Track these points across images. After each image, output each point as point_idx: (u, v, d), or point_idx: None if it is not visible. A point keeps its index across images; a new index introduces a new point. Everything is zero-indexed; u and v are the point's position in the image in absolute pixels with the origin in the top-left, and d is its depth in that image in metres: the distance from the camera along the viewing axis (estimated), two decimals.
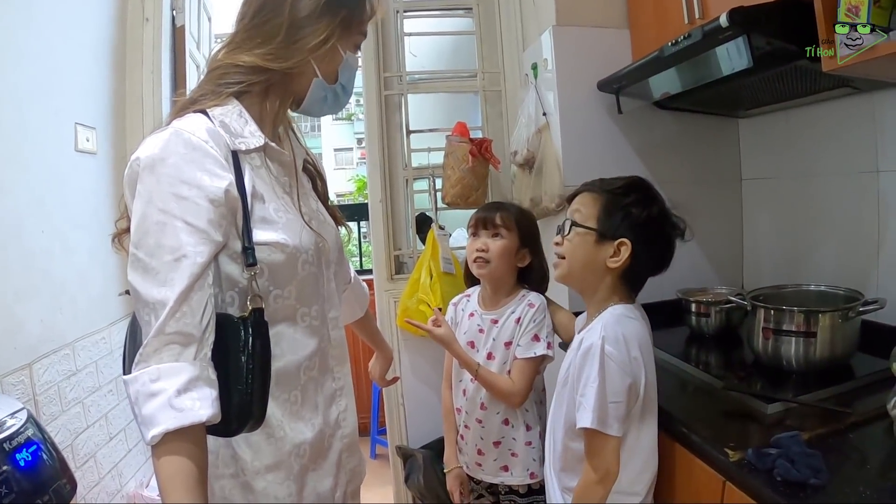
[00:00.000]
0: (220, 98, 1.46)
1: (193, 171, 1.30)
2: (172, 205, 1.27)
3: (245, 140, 1.45)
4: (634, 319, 1.83)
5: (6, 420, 2.08)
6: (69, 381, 3.09)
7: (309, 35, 1.47)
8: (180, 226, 1.27)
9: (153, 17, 4.01)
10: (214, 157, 1.34)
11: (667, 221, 1.85)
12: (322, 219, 1.65)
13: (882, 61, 1.70)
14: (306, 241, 1.50)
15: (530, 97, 3.18)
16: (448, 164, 3.51)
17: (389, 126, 3.86)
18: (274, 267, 1.42)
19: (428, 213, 3.85)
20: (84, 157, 3.40)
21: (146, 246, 1.26)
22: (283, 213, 1.47)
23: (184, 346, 1.24)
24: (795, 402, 1.89)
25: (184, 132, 1.33)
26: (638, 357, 1.73)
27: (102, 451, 3.35)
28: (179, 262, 1.25)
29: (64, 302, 3.11)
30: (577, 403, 1.74)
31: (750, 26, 1.97)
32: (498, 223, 2.41)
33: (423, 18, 4.04)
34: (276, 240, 1.42)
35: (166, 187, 1.28)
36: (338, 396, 1.63)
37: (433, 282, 3.44)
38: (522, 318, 2.37)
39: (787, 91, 2.57)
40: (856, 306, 2.09)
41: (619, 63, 2.83)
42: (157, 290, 1.24)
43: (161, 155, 1.30)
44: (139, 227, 1.28)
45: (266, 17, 1.48)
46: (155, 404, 1.19)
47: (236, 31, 1.53)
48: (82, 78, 3.45)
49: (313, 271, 1.53)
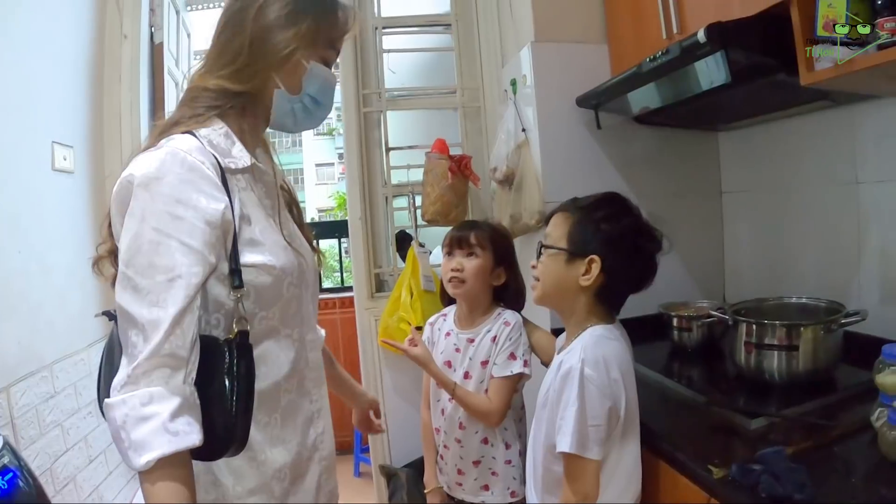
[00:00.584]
0: (202, 119, 1.44)
1: (190, 192, 1.29)
2: (168, 224, 1.25)
3: (234, 160, 1.44)
4: (614, 340, 1.81)
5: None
6: (47, 403, 3.06)
7: (271, 48, 1.46)
8: (175, 245, 1.25)
9: (131, 35, 4.02)
10: (210, 179, 1.33)
11: (641, 235, 1.83)
12: (300, 242, 1.63)
13: (859, 75, 1.71)
14: (290, 263, 1.48)
15: (509, 113, 3.18)
16: (428, 181, 3.52)
17: (369, 143, 3.86)
18: (260, 289, 1.41)
19: (408, 230, 3.84)
20: (61, 176, 3.38)
21: (138, 265, 1.24)
22: (268, 235, 1.46)
23: (174, 369, 1.22)
24: (779, 417, 1.89)
25: (179, 151, 1.32)
26: (618, 378, 1.71)
27: (83, 473, 3.31)
28: (173, 283, 1.23)
29: (41, 323, 3.08)
30: (557, 427, 1.72)
31: (727, 41, 1.98)
32: (472, 242, 2.40)
33: (401, 35, 4.05)
34: (263, 262, 1.41)
35: (161, 206, 1.26)
36: (315, 418, 1.61)
37: (413, 300, 3.43)
38: (499, 337, 2.36)
39: (766, 104, 2.60)
40: (838, 318, 2.09)
41: (598, 78, 2.83)
42: (149, 310, 1.21)
43: (157, 174, 1.28)
44: (131, 246, 1.25)
45: (230, 35, 1.48)
46: (148, 428, 1.16)
47: (209, 50, 1.53)
48: (59, 95, 3.44)
49: (297, 293, 1.52)
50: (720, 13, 2.05)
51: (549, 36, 3.04)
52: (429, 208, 3.50)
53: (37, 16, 3.22)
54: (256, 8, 1.46)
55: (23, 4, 3.10)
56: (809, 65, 1.83)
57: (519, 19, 3.28)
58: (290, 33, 1.47)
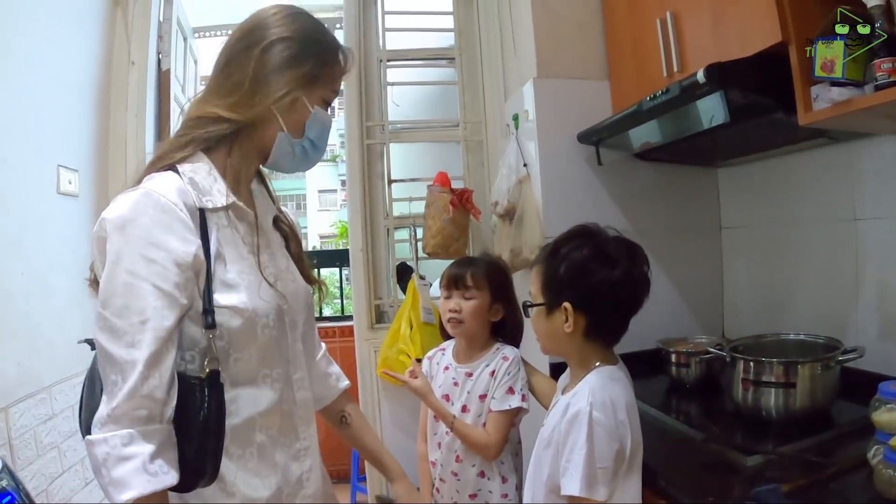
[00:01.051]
0: (189, 155, 1.47)
1: (163, 234, 1.31)
2: (141, 267, 1.28)
3: (212, 198, 1.45)
4: (619, 381, 1.79)
5: None
6: (45, 425, 3.06)
7: (272, 87, 1.49)
8: (148, 288, 1.28)
9: (139, 61, 4.06)
10: (183, 221, 1.35)
11: (601, 263, 1.76)
12: (291, 278, 1.64)
13: (857, 115, 1.73)
14: (266, 306, 1.49)
15: (511, 148, 3.19)
16: (429, 213, 3.54)
17: (371, 174, 3.88)
18: (233, 331, 1.42)
19: (409, 262, 3.86)
20: (66, 200, 3.40)
21: (113, 306, 1.27)
22: (245, 276, 1.47)
23: (152, 410, 1.25)
24: (775, 454, 1.89)
25: (153, 193, 1.34)
26: (625, 420, 1.69)
27: (78, 496, 3.30)
28: (145, 325, 1.26)
29: (41, 345, 3.09)
30: (563, 469, 1.70)
31: (726, 82, 2.01)
32: (469, 284, 2.41)
33: (406, 68, 4.08)
34: (234, 304, 1.42)
35: (135, 248, 1.29)
36: (302, 456, 1.61)
37: (413, 332, 3.44)
38: (497, 371, 2.37)
39: (765, 142, 2.62)
40: (835, 356, 2.10)
41: (600, 114, 2.87)
42: (126, 350, 1.24)
43: (131, 216, 1.31)
44: (107, 288, 1.29)
45: (232, 70, 1.51)
46: (128, 468, 1.20)
47: (208, 83, 1.55)
48: (66, 119, 3.47)
49: (274, 335, 1.52)
50: (720, 52, 2.09)
51: (552, 72, 3.07)
52: (430, 241, 3.52)
53: (46, 40, 3.26)
54: (261, 48, 1.49)
55: (32, 29, 3.13)
56: (808, 105, 1.86)
57: (522, 55, 3.32)
58: (293, 74, 1.51)
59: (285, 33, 1.51)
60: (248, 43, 1.51)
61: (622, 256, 1.75)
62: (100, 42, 3.88)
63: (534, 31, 3.09)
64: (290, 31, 1.53)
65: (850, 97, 1.71)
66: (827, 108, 1.78)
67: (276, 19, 1.54)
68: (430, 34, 4.18)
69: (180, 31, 4.58)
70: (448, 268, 2.52)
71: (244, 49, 1.50)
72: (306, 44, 1.54)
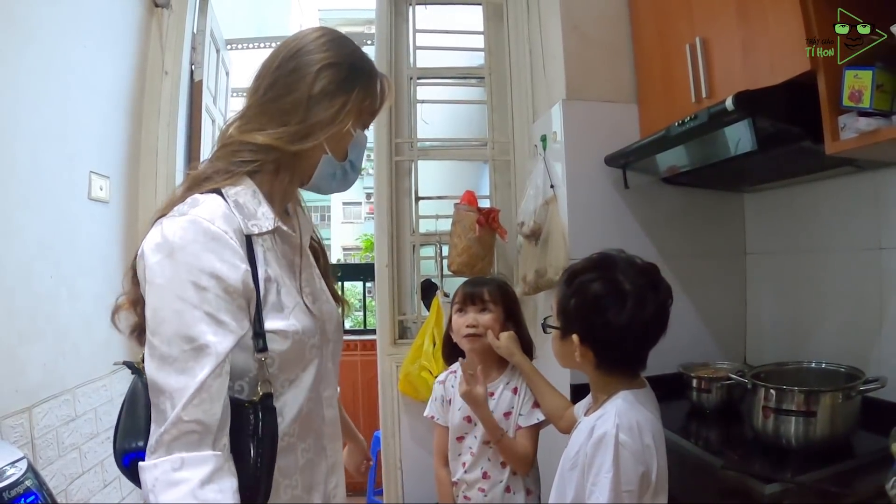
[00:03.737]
0: (233, 177, 1.46)
1: (213, 262, 1.30)
2: (191, 294, 1.27)
3: (258, 223, 1.44)
4: (646, 406, 1.77)
5: (6, 469, 2.07)
6: (68, 426, 3.09)
7: (322, 113, 1.48)
8: (199, 315, 1.27)
9: (172, 71, 4.10)
10: (233, 248, 1.35)
11: (614, 298, 1.72)
12: (325, 298, 1.65)
13: (884, 145, 1.74)
14: (312, 325, 1.49)
15: (539, 169, 3.21)
16: (455, 231, 3.55)
17: (399, 191, 3.90)
18: (284, 354, 1.41)
19: (434, 279, 3.87)
20: (96, 206, 3.44)
21: (163, 334, 1.26)
22: (291, 298, 1.47)
23: (202, 434, 1.23)
24: (794, 483, 1.88)
25: (202, 221, 1.33)
26: (650, 445, 1.68)
27: (97, 497, 3.32)
28: (199, 352, 1.25)
29: (67, 347, 3.12)
30: (589, 491, 1.69)
31: (755, 110, 2.02)
32: (486, 298, 2.44)
33: (436, 86, 4.10)
34: (285, 327, 1.41)
35: (185, 276, 1.28)
36: (329, 474, 1.61)
37: (436, 349, 3.42)
38: (520, 390, 2.40)
39: (792, 169, 2.62)
40: (857, 385, 2.08)
41: (627, 137, 2.88)
42: (175, 378, 1.23)
43: (180, 243, 1.30)
44: (156, 315, 1.28)
45: (279, 93, 1.49)
46: (176, 494, 1.18)
47: (248, 106, 1.53)
48: (99, 126, 3.51)
49: (318, 353, 1.52)
50: (748, 80, 2.10)
51: (581, 94, 3.09)
52: (455, 259, 3.53)
53: (82, 48, 3.31)
54: (312, 74, 1.47)
55: (68, 37, 3.18)
56: (835, 134, 1.87)
57: (551, 76, 3.34)
58: (343, 101, 1.50)
59: (333, 59, 1.51)
60: (295, 66, 1.49)
61: (637, 292, 1.71)
62: (134, 51, 3.93)
63: (563, 53, 3.11)
64: (338, 56, 1.52)
65: (878, 127, 1.72)
66: (854, 137, 1.80)
67: (321, 44, 1.53)
68: (460, 53, 4.21)
69: (213, 43, 4.63)
70: (462, 286, 2.55)
71: (292, 73, 1.49)
72: (353, 70, 1.54)
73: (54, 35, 3.05)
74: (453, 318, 2.52)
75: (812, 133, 1.95)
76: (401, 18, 3.99)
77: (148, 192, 3.93)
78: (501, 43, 3.98)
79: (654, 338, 1.76)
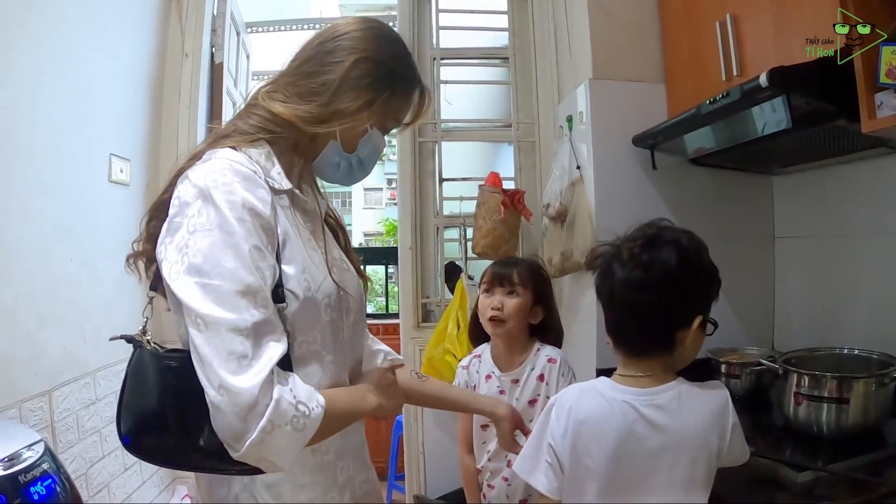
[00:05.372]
0: (252, 138, 1.44)
1: (249, 197, 1.28)
2: (238, 229, 1.24)
3: (274, 180, 1.42)
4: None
5: (23, 452, 2.06)
6: (88, 409, 3.10)
7: (346, 104, 1.46)
8: (249, 248, 1.25)
9: (192, 53, 4.09)
10: (264, 187, 1.34)
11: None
12: (345, 267, 1.62)
13: None
14: (328, 288, 1.46)
15: (564, 150, 3.18)
16: (480, 213, 3.51)
17: (422, 173, 3.88)
18: (296, 312, 1.37)
19: (458, 262, 3.83)
20: (116, 188, 3.44)
21: (223, 273, 1.22)
22: (307, 258, 1.44)
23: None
24: (826, 472, 1.85)
25: (230, 162, 1.32)
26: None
27: (116, 481, 3.34)
28: (259, 288, 1.24)
29: (88, 331, 3.13)
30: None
31: (789, 87, 1.97)
32: (515, 281, 2.41)
33: (459, 67, 4.07)
34: (297, 286, 1.38)
35: (228, 213, 1.25)
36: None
37: (461, 332, 3.39)
38: (547, 376, 2.36)
39: (824, 149, 2.55)
40: (891, 372, 2.06)
41: (655, 117, 2.84)
42: (248, 312, 1.21)
43: (213, 185, 1.27)
44: (209, 257, 1.22)
45: (312, 70, 1.48)
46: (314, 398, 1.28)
47: (282, 73, 1.52)
48: (119, 109, 3.52)
49: (334, 317, 1.49)
50: (781, 57, 2.04)
51: (607, 73, 3.04)
52: (480, 241, 3.49)
53: (102, 30, 3.30)
54: (349, 62, 1.46)
55: (88, 20, 3.17)
56: (871, 112, 1.81)
57: (577, 56, 3.29)
58: (370, 98, 1.48)
59: (374, 54, 1.49)
60: (334, 48, 1.48)
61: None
62: (155, 34, 3.93)
63: (590, 33, 3.07)
64: (380, 53, 1.51)
65: None
66: (891, 115, 1.74)
67: (367, 36, 1.52)
68: (483, 33, 4.16)
69: (233, 26, 4.61)
70: (491, 266, 2.52)
71: (329, 53, 1.48)
72: (391, 72, 1.53)
73: (74, 18, 3.04)
74: (480, 298, 2.49)
75: (847, 111, 1.90)
76: None
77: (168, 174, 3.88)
78: (526, 23, 3.93)
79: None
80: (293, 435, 1.21)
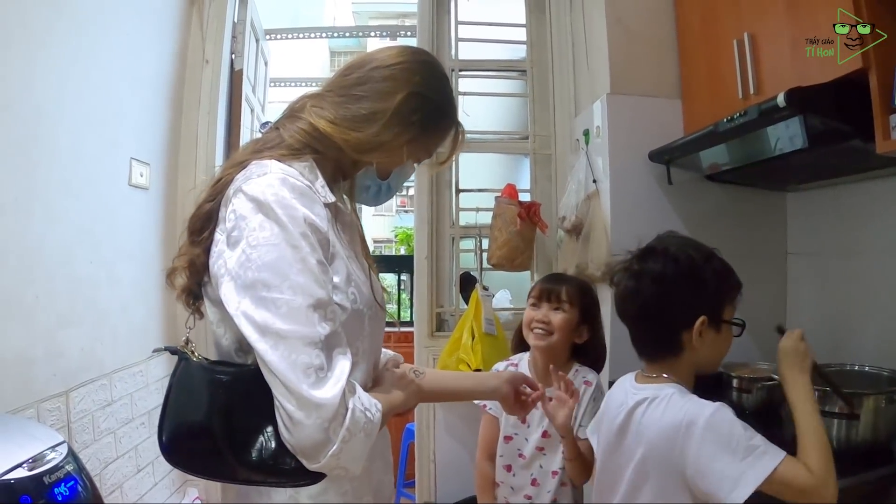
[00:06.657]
0: (298, 154, 1.44)
1: (307, 213, 1.29)
2: (303, 243, 1.26)
3: (319, 193, 1.41)
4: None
5: (47, 453, 2.06)
6: (104, 410, 3.11)
7: (392, 138, 1.47)
8: (314, 263, 1.27)
9: (213, 60, 4.12)
10: (320, 203, 1.35)
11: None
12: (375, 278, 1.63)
13: None
14: (370, 300, 1.48)
15: (581, 163, 3.19)
16: (496, 225, 3.53)
17: (439, 183, 3.89)
18: (345, 322, 1.38)
19: (473, 272, 3.84)
20: (136, 192, 3.47)
21: (292, 287, 1.23)
22: (351, 268, 1.46)
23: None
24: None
25: (287, 177, 1.32)
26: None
27: (130, 482, 3.35)
28: (327, 301, 1.27)
29: (105, 332, 3.15)
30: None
31: (806, 107, 1.99)
32: (563, 298, 2.41)
33: (477, 79, 4.10)
34: (344, 297, 1.40)
35: (291, 228, 1.26)
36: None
37: (475, 342, 3.41)
38: (581, 396, 2.34)
39: (837, 168, 2.58)
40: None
41: (671, 133, 2.86)
42: (321, 325, 1.24)
43: (273, 199, 1.28)
44: (276, 269, 1.24)
45: (364, 94, 1.47)
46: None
47: (331, 89, 1.52)
48: (140, 114, 3.54)
49: (373, 327, 1.52)
50: (797, 76, 2.07)
51: (624, 88, 3.06)
52: (495, 252, 3.51)
53: (124, 35, 3.33)
54: (403, 96, 1.46)
55: (110, 25, 3.20)
56: (886, 133, 1.83)
57: (595, 70, 3.31)
58: (414, 134, 1.50)
59: (426, 91, 1.50)
60: (389, 76, 1.48)
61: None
62: (175, 40, 3.96)
63: (608, 47, 3.09)
64: (431, 90, 1.52)
65: None
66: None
67: (423, 70, 1.52)
68: (502, 45, 4.19)
69: (253, 33, 4.65)
70: (540, 280, 2.54)
71: (384, 80, 1.48)
72: (437, 110, 1.54)
73: (97, 23, 3.07)
74: (526, 311, 2.49)
75: (862, 132, 1.92)
76: (443, 10, 3.98)
77: (187, 179, 3.95)
78: (544, 36, 3.96)
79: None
80: (365, 441, 1.26)
